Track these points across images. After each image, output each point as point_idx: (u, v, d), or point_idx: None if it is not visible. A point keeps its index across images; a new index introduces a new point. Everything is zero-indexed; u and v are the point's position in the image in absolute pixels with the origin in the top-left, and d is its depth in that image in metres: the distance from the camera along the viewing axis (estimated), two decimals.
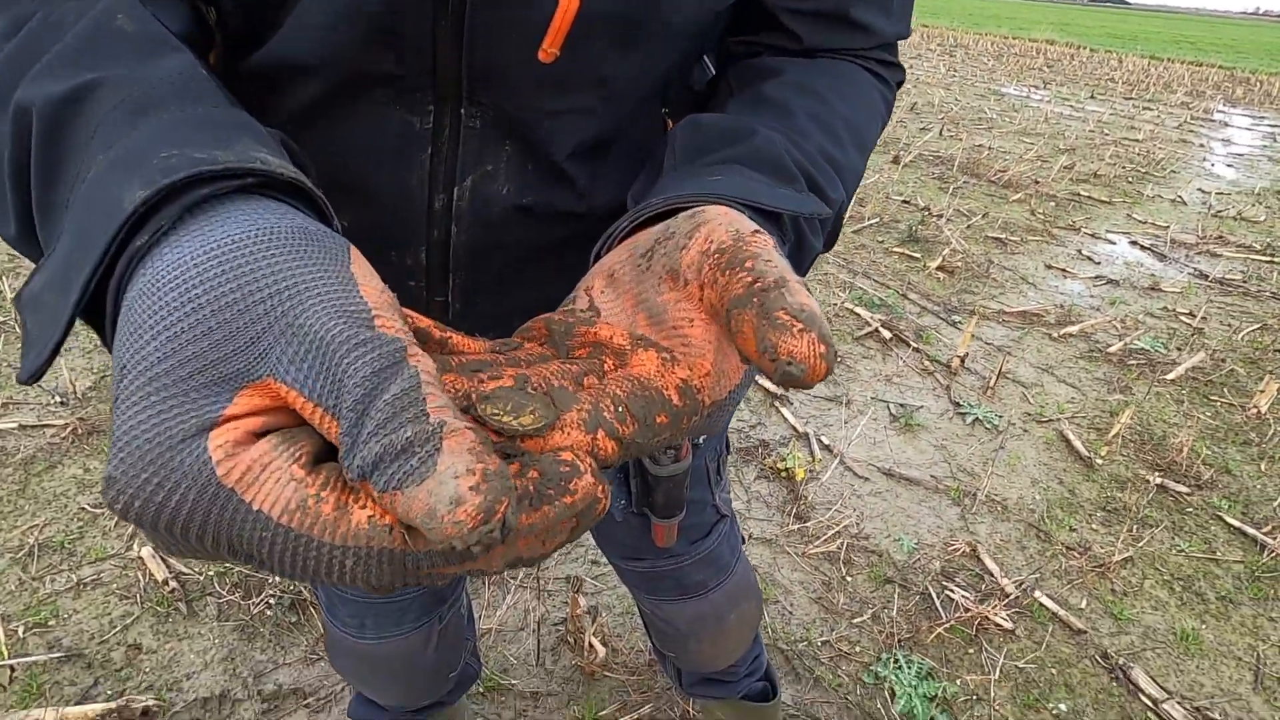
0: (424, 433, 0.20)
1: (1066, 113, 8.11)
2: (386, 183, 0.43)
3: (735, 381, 0.29)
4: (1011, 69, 12.22)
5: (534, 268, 0.49)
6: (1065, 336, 2.75)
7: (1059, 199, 4.58)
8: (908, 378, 2.39)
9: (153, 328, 0.21)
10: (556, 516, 0.22)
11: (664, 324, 0.29)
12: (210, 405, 0.21)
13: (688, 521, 0.74)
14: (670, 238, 0.30)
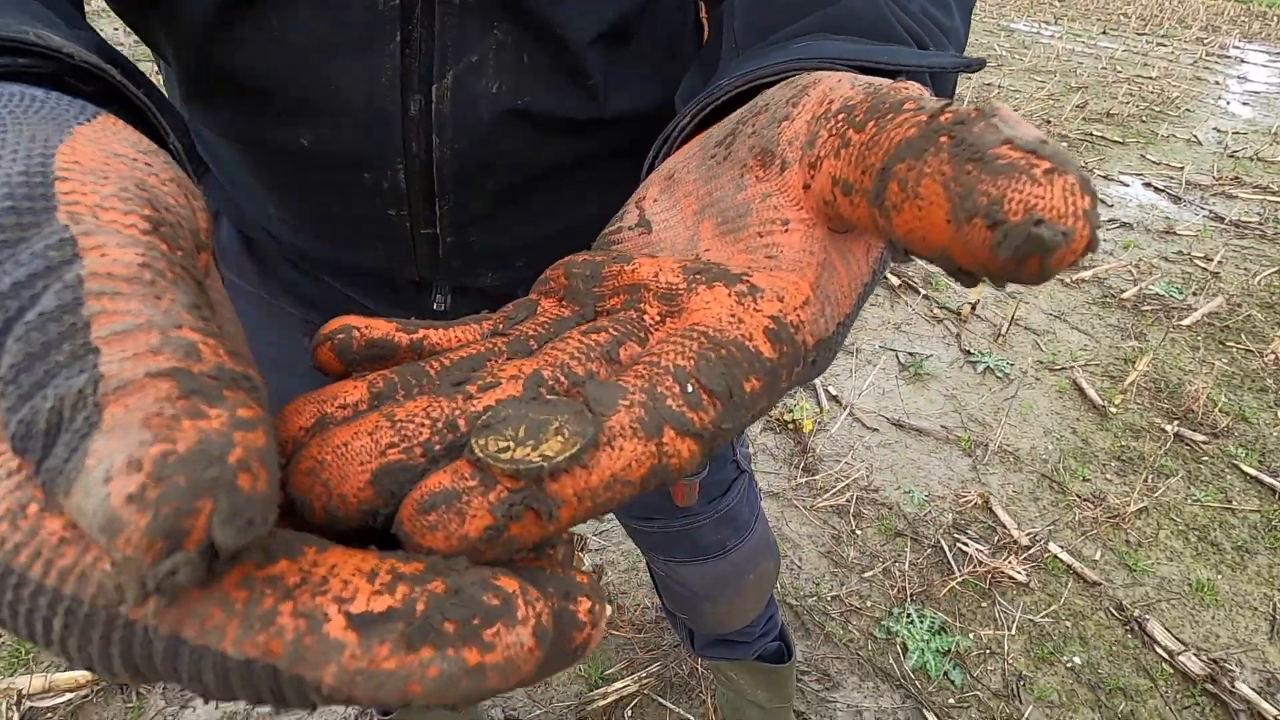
0: (72, 391, 0.12)
1: (1078, 49, 7.82)
2: (349, 85, 0.34)
3: (848, 307, 0.21)
4: (1022, 4, 11.76)
5: (539, 192, 0.41)
6: (1078, 282, 2.67)
7: (1071, 139, 4.42)
8: (917, 325, 2.32)
9: None
10: (440, 667, 0.13)
11: (742, 231, 0.20)
12: None
13: (708, 479, 0.68)
14: (763, 111, 0.21)
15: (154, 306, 0.13)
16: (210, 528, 0.11)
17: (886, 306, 2.40)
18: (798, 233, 0.19)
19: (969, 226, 0.15)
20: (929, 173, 0.15)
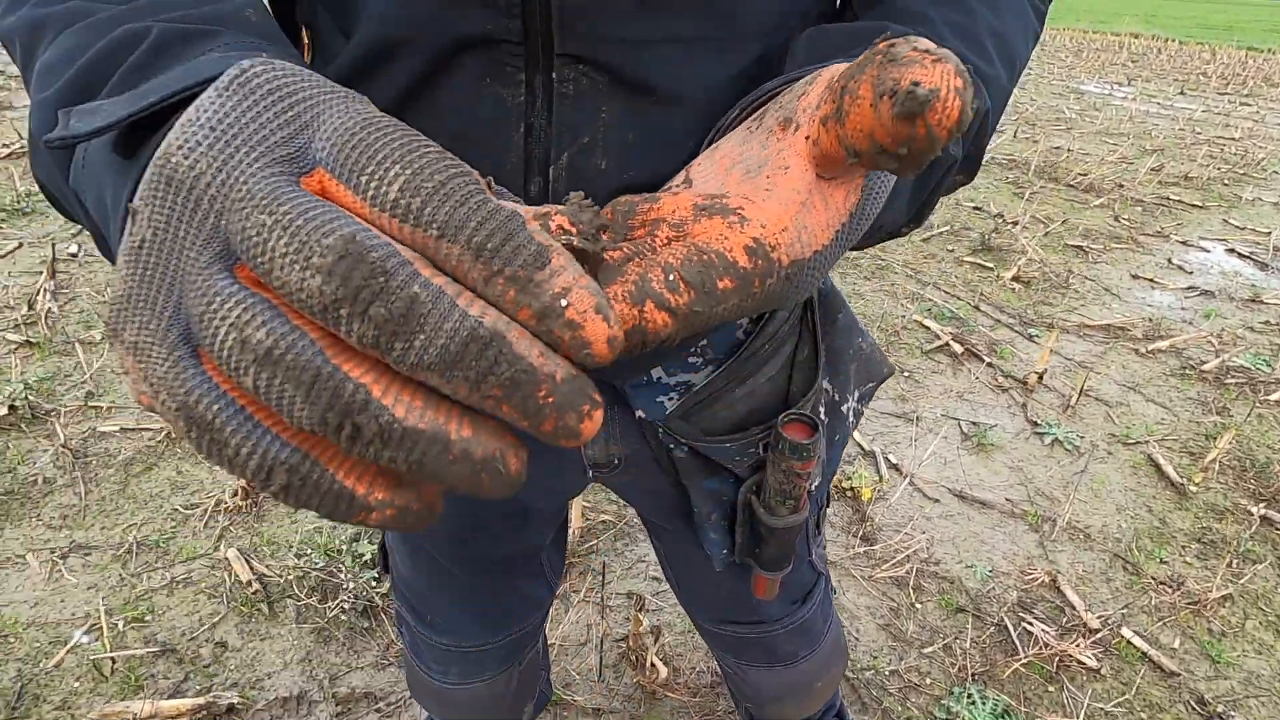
0: (531, 238, 0.20)
1: (1153, 110, 7.66)
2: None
3: (825, 239, 0.26)
4: (1092, 65, 11.64)
5: None
6: (1154, 352, 2.59)
7: (1146, 204, 4.33)
8: (980, 394, 2.29)
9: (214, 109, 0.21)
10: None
11: (756, 176, 0.26)
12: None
13: (788, 578, 0.68)
14: (789, 91, 0.27)
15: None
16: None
17: (949, 374, 2.39)
18: (793, 175, 0.26)
19: (882, 104, 0.21)
20: (864, 78, 0.22)
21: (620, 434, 0.59)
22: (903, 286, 3.00)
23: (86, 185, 0.28)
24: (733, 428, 0.56)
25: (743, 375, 0.55)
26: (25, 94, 4.96)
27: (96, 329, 2.33)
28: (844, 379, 0.64)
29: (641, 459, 0.60)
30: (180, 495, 1.67)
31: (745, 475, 0.58)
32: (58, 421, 1.86)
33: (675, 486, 0.62)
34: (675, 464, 0.59)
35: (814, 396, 0.57)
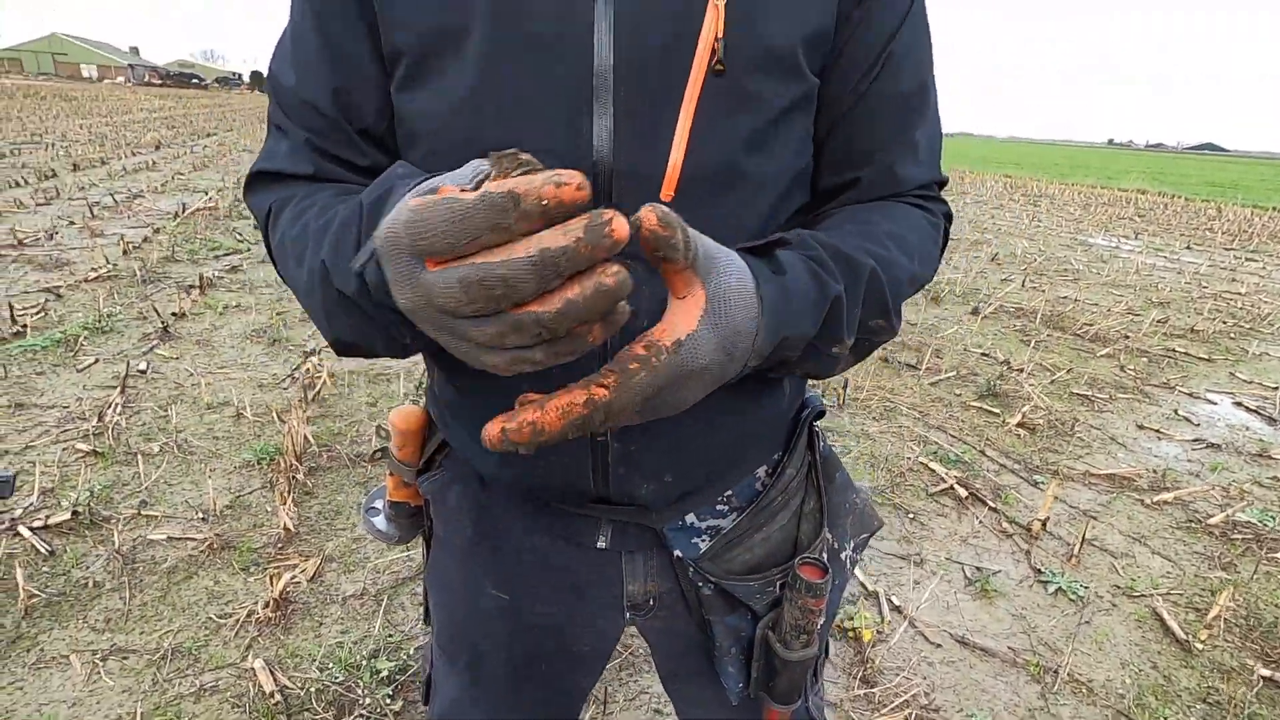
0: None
1: (1160, 264, 7.98)
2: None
3: (689, 329, 0.41)
4: (1100, 219, 12.22)
5: (681, 416, 0.55)
6: (1160, 504, 2.63)
7: (1152, 355, 4.47)
8: (985, 539, 2.35)
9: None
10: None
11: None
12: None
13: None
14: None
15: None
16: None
17: (954, 517, 2.46)
18: (675, 306, 0.41)
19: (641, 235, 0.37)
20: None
21: (658, 572, 0.70)
22: (910, 429, 3.12)
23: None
24: (752, 569, 0.67)
25: (760, 522, 0.67)
26: (115, 225, 5.55)
27: (156, 441, 2.54)
28: (842, 530, 0.75)
29: (672, 598, 0.71)
30: (216, 604, 1.79)
31: (763, 613, 0.67)
32: (114, 528, 2.02)
33: (699, 626, 0.71)
34: (701, 601, 0.68)
35: (821, 543, 0.69)
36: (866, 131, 0.59)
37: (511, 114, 0.51)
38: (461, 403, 0.64)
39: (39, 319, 3.64)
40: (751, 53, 0.52)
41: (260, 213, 0.58)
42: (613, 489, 0.61)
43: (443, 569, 0.75)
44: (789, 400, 0.69)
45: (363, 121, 0.56)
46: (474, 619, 0.73)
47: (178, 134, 16.49)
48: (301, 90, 0.56)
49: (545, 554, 0.69)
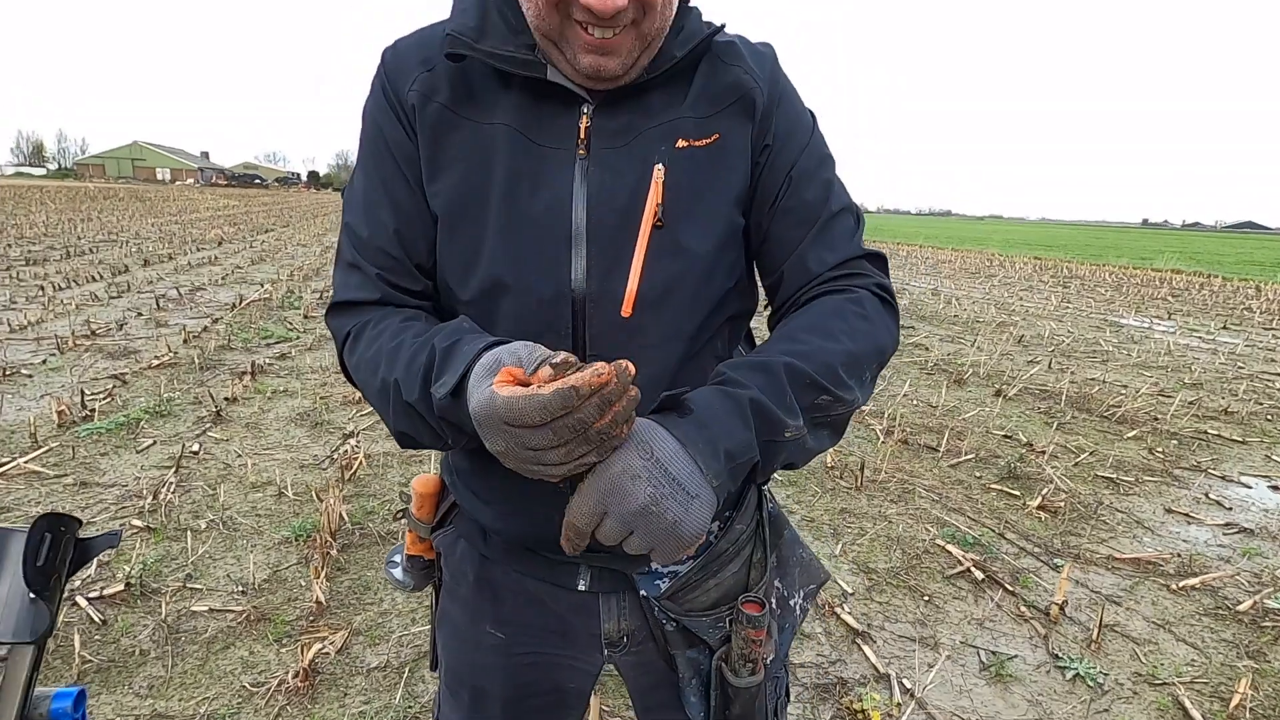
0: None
1: (1194, 345, 7.89)
2: (547, 513, 0.72)
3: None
4: (1133, 300, 12.15)
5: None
6: (1186, 589, 2.59)
7: (1182, 437, 4.41)
8: (1001, 623, 2.34)
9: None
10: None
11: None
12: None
13: None
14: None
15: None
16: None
17: (970, 601, 2.46)
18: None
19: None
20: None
21: (629, 612, 0.82)
22: (927, 511, 3.13)
23: (450, 416, 0.61)
24: (707, 609, 0.80)
25: (714, 569, 0.80)
26: (178, 316, 5.95)
27: (204, 518, 2.72)
28: (791, 580, 0.87)
29: (642, 635, 0.83)
30: (250, 673, 1.89)
31: (716, 646, 0.79)
32: (161, 599, 2.16)
33: (665, 660, 0.83)
34: (666, 637, 0.81)
35: (764, 585, 0.82)
36: (783, 237, 0.75)
37: (517, 259, 0.69)
38: (472, 470, 0.80)
39: (106, 404, 3.94)
40: (683, 210, 0.69)
41: (340, 334, 0.75)
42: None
43: (450, 613, 0.88)
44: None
45: (418, 258, 0.74)
46: (475, 655, 0.85)
47: (239, 230, 17.72)
48: (374, 239, 0.73)
49: (535, 596, 0.81)
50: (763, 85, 0.73)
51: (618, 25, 0.62)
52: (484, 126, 0.70)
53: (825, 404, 0.67)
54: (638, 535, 0.58)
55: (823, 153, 0.78)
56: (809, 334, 0.69)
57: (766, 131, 0.74)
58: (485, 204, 0.69)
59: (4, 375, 4.40)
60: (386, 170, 0.73)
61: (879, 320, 0.73)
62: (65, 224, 16.76)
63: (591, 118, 0.69)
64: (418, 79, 0.70)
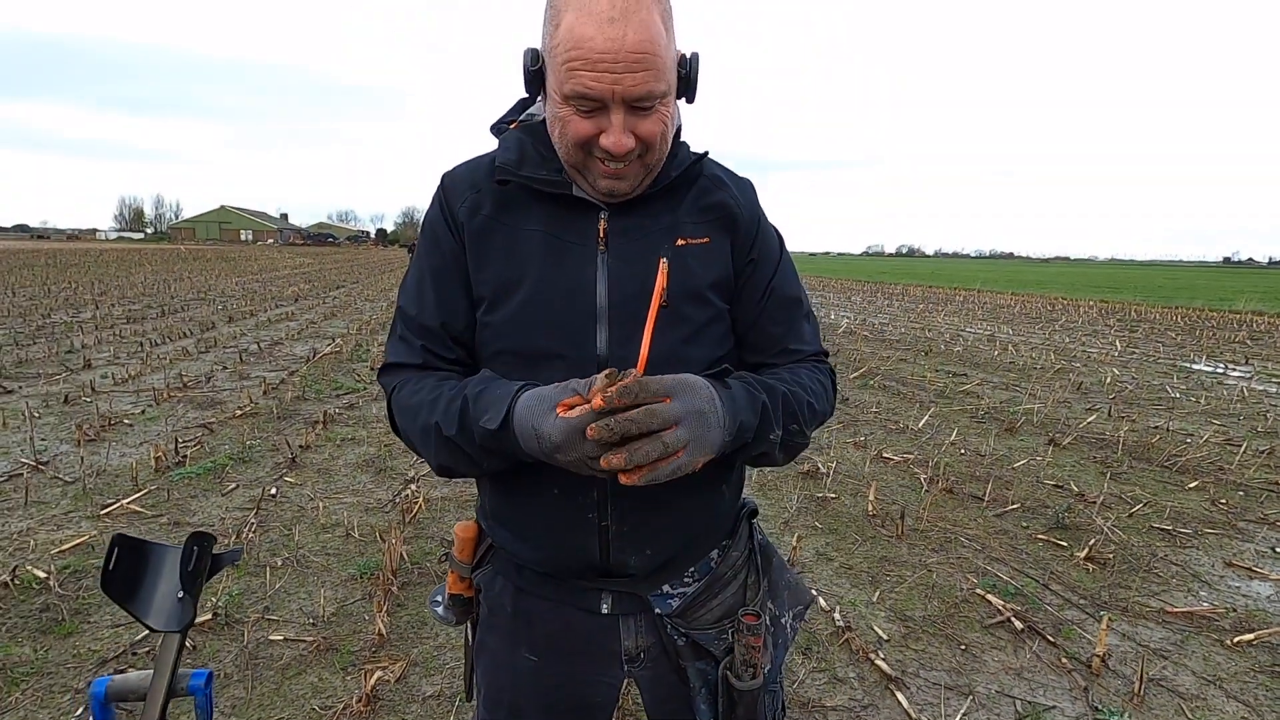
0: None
1: (1272, 391, 7.50)
2: (565, 521, 0.89)
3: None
4: (1206, 344, 11.62)
5: (669, 510, 0.90)
6: (1241, 645, 2.52)
7: (1249, 488, 4.24)
8: (1040, 674, 2.33)
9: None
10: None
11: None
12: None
13: None
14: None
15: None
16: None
17: (1009, 651, 2.46)
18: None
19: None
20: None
21: (646, 630, 0.97)
22: (969, 561, 3.13)
23: (490, 444, 0.79)
24: (711, 624, 0.96)
25: (716, 590, 0.97)
26: (259, 369, 6.42)
27: (280, 555, 2.97)
28: (781, 601, 1.03)
29: (657, 651, 0.98)
30: (319, 698, 2.08)
31: (721, 657, 0.94)
32: (243, 629, 2.39)
33: (677, 671, 0.97)
34: (678, 651, 0.96)
35: (759, 602, 0.98)
36: (769, 332, 0.95)
37: (548, 330, 0.87)
38: (509, 513, 0.96)
39: (196, 450, 4.33)
40: (683, 293, 0.88)
41: (388, 388, 0.95)
42: (611, 560, 0.90)
43: (488, 642, 1.03)
44: (730, 503, 0.99)
45: (455, 332, 0.93)
46: (512, 677, 1.00)
47: (313, 287, 18.86)
48: (419, 317, 0.93)
49: (564, 622, 0.96)
50: (744, 210, 0.93)
51: (628, 160, 0.81)
52: (522, 231, 0.89)
53: (795, 432, 0.88)
54: (685, 426, 0.73)
55: (791, 270, 0.98)
56: (795, 383, 0.90)
57: (750, 247, 0.93)
58: (518, 288, 0.88)
59: (109, 424, 4.87)
60: (436, 266, 0.92)
61: (829, 396, 0.97)
62: (161, 284, 18.21)
63: (608, 221, 0.88)
64: (467, 199, 0.91)
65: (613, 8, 0.74)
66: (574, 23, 0.75)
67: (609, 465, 0.69)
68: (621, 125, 0.78)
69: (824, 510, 3.71)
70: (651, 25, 0.76)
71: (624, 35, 0.74)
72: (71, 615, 2.46)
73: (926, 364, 8.59)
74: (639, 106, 0.78)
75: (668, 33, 0.79)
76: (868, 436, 5.16)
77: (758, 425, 0.82)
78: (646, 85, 0.76)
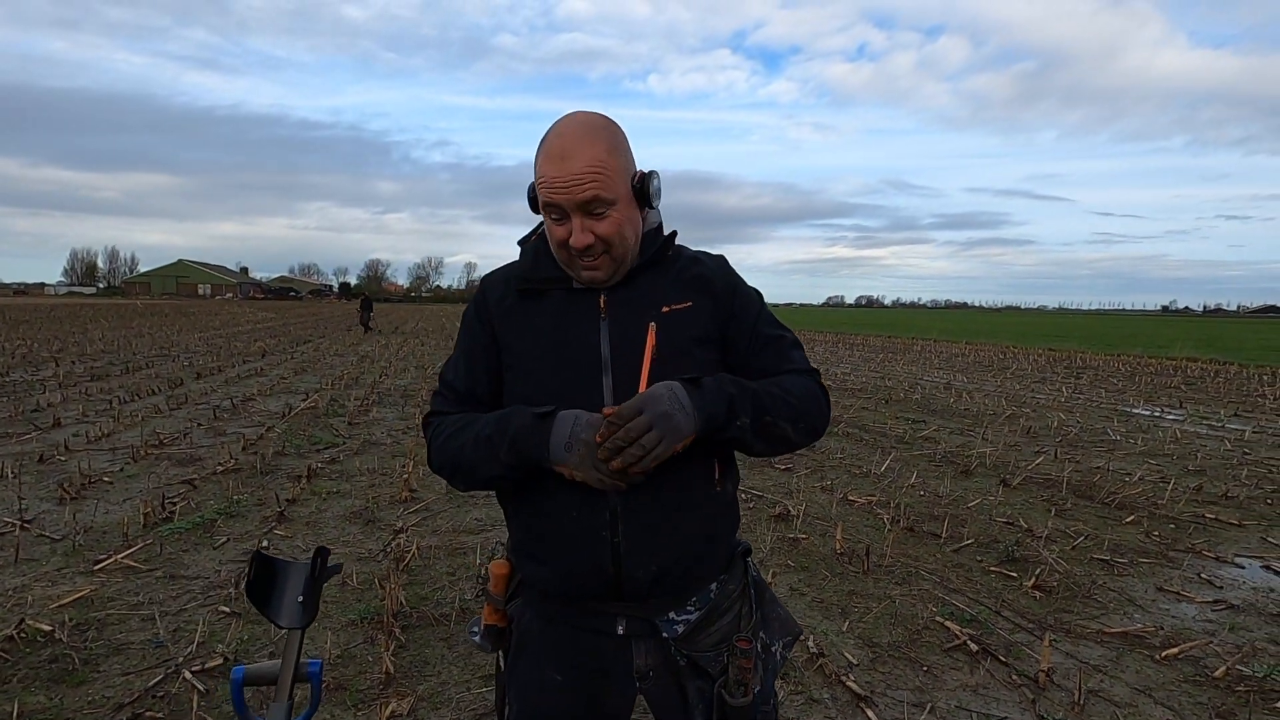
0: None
1: (1203, 432, 8.08)
2: (579, 539, 1.10)
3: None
4: (1145, 389, 12.35)
5: (673, 523, 1.09)
6: (1168, 659, 2.81)
7: (1179, 521, 4.62)
8: (994, 690, 2.58)
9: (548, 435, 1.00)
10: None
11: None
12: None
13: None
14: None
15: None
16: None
17: (965, 671, 2.70)
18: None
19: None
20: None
21: (654, 651, 1.13)
22: (929, 592, 3.40)
23: (522, 446, 1.02)
24: (710, 648, 1.14)
25: (714, 619, 1.16)
26: (234, 424, 6.45)
27: None
28: (772, 631, 1.21)
29: (662, 670, 1.15)
30: None
31: (717, 676, 1.09)
32: None
33: (679, 689, 1.15)
34: (680, 670, 1.12)
35: (751, 630, 1.16)
36: (764, 365, 1.17)
37: (561, 381, 1.10)
38: (534, 546, 1.15)
39: (183, 506, 4.39)
40: (672, 347, 1.10)
41: (427, 429, 1.19)
42: (623, 573, 1.08)
43: (518, 666, 1.19)
44: (724, 534, 1.19)
45: (479, 393, 1.18)
46: (541, 695, 1.16)
47: (279, 342, 18.73)
48: (455, 382, 1.19)
49: (585, 645, 1.14)
50: (718, 277, 1.19)
51: (595, 255, 1.07)
52: (540, 312, 1.15)
53: (767, 422, 1.08)
54: (656, 428, 0.93)
55: (771, 315, 1.23)
56: (775, 385, 1.11)
57: (730, 304, 1.17)
58: (544, 349, 1.12)
59: (89, 482, 4.89)
60: (468, 348, 1.19)
61: (819, 404, 1.16)
62: (120, 340, 17.89)
63: (606, 297, 1.13)
64: (500, 294, 1.18)
65: (564, 149, 1.01)
66: (542, 157, 1.03)
67: (614, 468, 0.95)
68: (580, 226, 1.02)
69: (795, 549, 3.95)
70: (596, 149, 1.01)
71: (571, 164, 1.00)
72: (82, 665, 2.54)
73: (887, 411, 9.00)
74: (592, 213, 1.02)
75: (615, 153, 1.03)
76: (834, 480, 5.45)
77: (725, 413, 1.01)
78: (591, 193, 1.00)
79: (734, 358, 1.17)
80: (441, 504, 4.62)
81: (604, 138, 1.04)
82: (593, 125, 1.04)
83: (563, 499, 1.05)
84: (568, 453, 0.98)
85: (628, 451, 0.94)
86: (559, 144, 1.02)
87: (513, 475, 1.06)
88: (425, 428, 1.20)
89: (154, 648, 2.69)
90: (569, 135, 1.02)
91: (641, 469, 0.96)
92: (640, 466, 0.95)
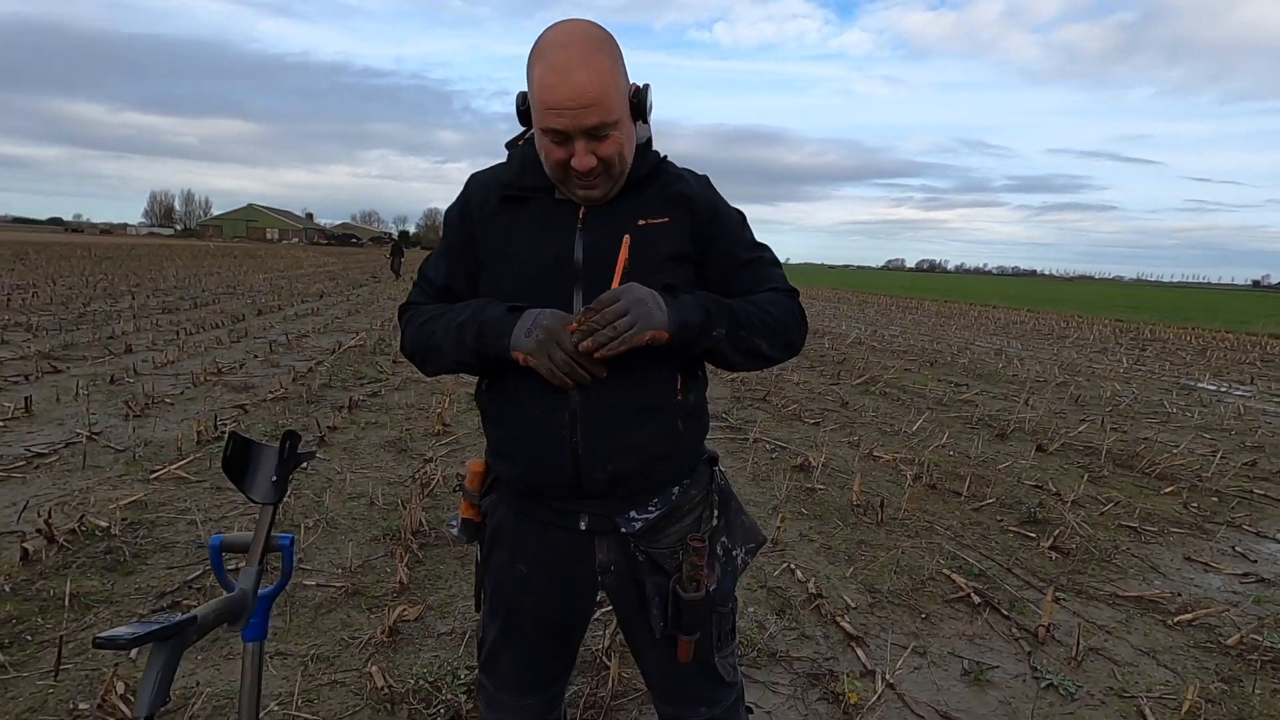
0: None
1: (1270, 410, 7.63)
2: (545, 429, 1.15)
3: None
4: (1216, 364, 11.68)
5: (634, 423, 1.13)
6: (1181, 624, 2.75)
7: (1224, 494, 4.43)
8: (990, 641, 2.58)
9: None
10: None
11: None
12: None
13: (698, 660, 1.21)
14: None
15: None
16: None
17: (965, 620, 2.71)
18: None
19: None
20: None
21: (615, 546, 1.20)
22: (941, 546, 3.38)
23: (488, 334, 1.07)
24: (667, 546, 1.20)
25: (674, 519, 1.21)
26: (288, 359, 6.76)
27: (312, 517, 3.28)
28: (735, 536, 1.26)
29: (622, 565, 1.22)
30: (347, 630, 2.39)
31: (672, 572, 1.17)
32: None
33: (637, 584, 1.21)
34: (639, 565, 1.21)
35: (707, 532, 1.21)
36: (744, 285, 1.19)
37: (535, 287, 1.13)
38: (504, 445, 1.20)
39: (233, 427, 4.68)
40: (645, 261, 1.12)
41: (402, 317, 1.25)
42: (582, 474, 1.13)
43: (492, 557, 1.27)
44: (687, 440, 1.21)
45: (456, 289, 1.22)
46: (509, 585, 1.24)
47: (337, 285, 19.37)
48: (434, 277, 1.23)
49: (551, 540, 1.20)
50: (699, 196, 1.19)
51: (595, 175, 1.08)
52: (520, 218, 1.16)
53: (743, 336, 1.11)
54: (631, 313, 0.97)
55: (750, 236, 1.23)
56: (751, 303, 1.15)
57: (710, 227, 1.18)
58: (521, 255, 1.15)
59: (152, 403, 5.25)
60: (449, 245, 1.22)
61: (794, 320, 1.19)
62: (191, 278, 18.82)
63: (585, 209, 1.14)
64: (483, 198, 1.19)
65: (569, 61, 0.96)
66: (541, 74, 0.98)
67: (585, 349, 0.99)
68: (584, 150, 1.01)
69: (810, 499, 3.97)
70: (601, 71, 0.97)
71: (577, 89, 0.96)
72: (131, 557, 2.79)
73: (930, 374, 8.80)
74: (596, 135, 1.01)
75: (616, 72, 1.01)
76: (862, 436, 5.41)
77: (701, 323, 1.05)
78: (598, 118, 0.99)
79: (713, 278, 1.19)
80: (472, 438, 4.79)
81: (607, 54, 1.00)
82: (595, 41, 1.00)
83: (529, 401, 1.10)
84: (526, 338, 1.02)
85: (600, 333, 0.98)
86: (561, 63, 0.97)
87: (476, 362, 1.11)
88: (401, 315, 1.26)
89: (195, 547, 2.93)
90: (573, 56, 0.97)
91: (609, 351, 0.98)
92: (609, 349, 0.98)
